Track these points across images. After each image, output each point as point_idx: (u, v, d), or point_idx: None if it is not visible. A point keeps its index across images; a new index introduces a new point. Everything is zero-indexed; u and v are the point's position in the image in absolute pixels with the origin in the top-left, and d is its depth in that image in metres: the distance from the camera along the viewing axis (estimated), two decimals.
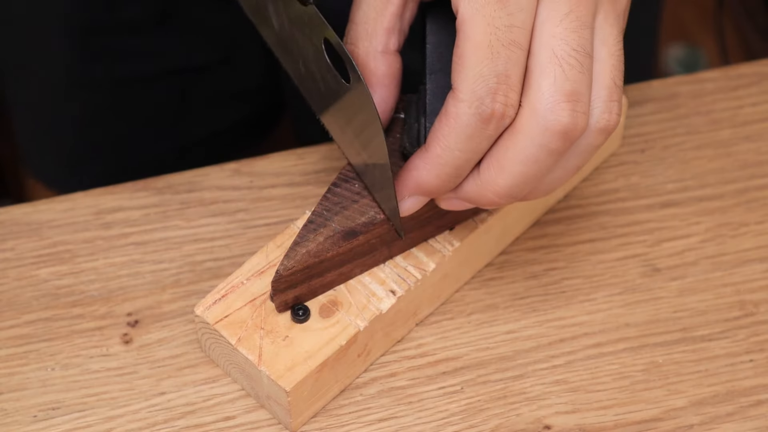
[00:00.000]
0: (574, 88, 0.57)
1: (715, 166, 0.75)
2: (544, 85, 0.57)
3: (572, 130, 0.57)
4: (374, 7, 0.62)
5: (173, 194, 0.73)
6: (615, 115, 0.59)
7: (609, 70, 0.59)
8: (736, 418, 0.65)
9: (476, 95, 0.57)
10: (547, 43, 0.57)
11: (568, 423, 0.65)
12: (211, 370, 0.66)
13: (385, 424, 0.65)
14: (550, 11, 0.57)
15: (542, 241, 0.72)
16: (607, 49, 0.59)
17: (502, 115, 0.57)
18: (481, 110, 0.57)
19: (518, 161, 0.58)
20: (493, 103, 0.57)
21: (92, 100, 0.99)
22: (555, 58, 0.57)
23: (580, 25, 0.58)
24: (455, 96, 0.57)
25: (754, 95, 0.78)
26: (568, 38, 0.57)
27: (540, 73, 0.57)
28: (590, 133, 0.59)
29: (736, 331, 0.68)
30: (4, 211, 0.72)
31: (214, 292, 0.64)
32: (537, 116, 0.57)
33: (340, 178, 0.65)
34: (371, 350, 0.65)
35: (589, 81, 0.58)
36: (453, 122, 0.58)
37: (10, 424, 0.64)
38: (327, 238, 0.63)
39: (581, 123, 0.57)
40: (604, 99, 0.59)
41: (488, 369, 0.67)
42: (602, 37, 0.59)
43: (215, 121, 1.04)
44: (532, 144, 0.58)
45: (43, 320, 0.68)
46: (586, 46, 0.58)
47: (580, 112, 0.57)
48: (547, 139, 0.57)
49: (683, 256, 0.71)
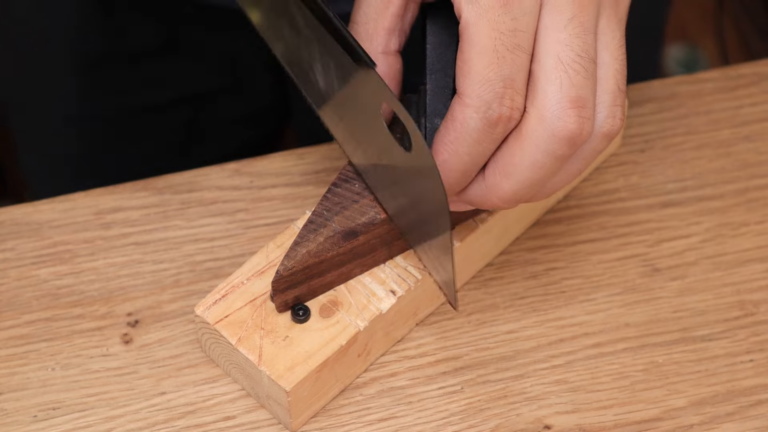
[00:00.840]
0: (580, 94, 0.57)
1: (715, 166, 0.75)
2: (550, 92, 0.57)
3: (578, 136, 0.57)
4: (375, 8, 0.62)
5: (173, 194, 0.73)
6: (618, 120, 0.59)
7: (612, 75, 0.59)
8: (736, 418, 0.65)
9: (483, 100, 0.56)
10: (552, 49, 0.57)
11: (568, 423, 0.65)
12: (211, 370, 0.66)
13: (385, 424, 0.65)
14: (553, 16, 0.57)
15: (542, 241, 0.72)
16: (610, 54, 0.59)
17: (509, 118, 0.57)
18: (489, 115, 0.57)
19: (524, 167, 0.58)
20: (500, 108, 0.56)
21: (98, 130, 0.98)
22: (560, 64, 0.57)
23: (583, 30, 0.57)
24: (462, 101, 0.57)
25: (754, 95, 0.78)
26: (573, 44, 0.57)
27: (546, 79, 0.57)
28: (594, 138, 0.59)
29: (736, 331, 0.68)
30: (4, 211, 0.72)
31: (214, 292, 0.64)
32: (544, 123, 0.57)
33: (340, 178, 0.65)
34: (371, 350, 0.65)
35: (593, 86, 0.58)
36: (460, 128, 0.57)
37: (10, 424, 0.64)
38: (327, 238, 0.63)
39: (587, 128, 0.57)
40: (608, 104, 0.59)
41: (488, 369, 0.66)
42: (605, 41, 0.59)
43: (224, 146, 1.04)
44: (538, 150, 0.57)
45: (43, 320, 0.68)
46: (590, 51, 0.58)
47: (586, 117, 0.57)
48: (554, 145, 0.57)
49: (683, 256, 0.71)
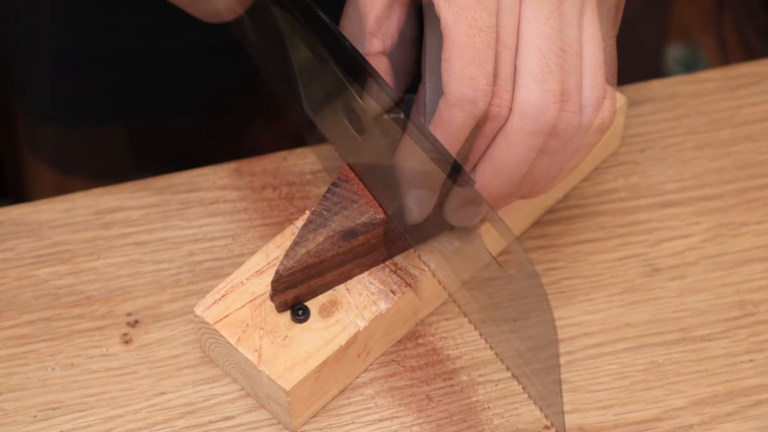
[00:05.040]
0: (562, 87, 0.57)
1: (715, 166, 0.75)
2: (532, 86, 0.57)
3: (562, 129, 0.57)
4: (359, 13, 0.62)
5: (173, 194, 0.73)
6: (608, 112, 0.59)
7: (599, 67, 0.59)
8: (736, 418, 0.65)
9: (467, 98, 0.56)
10: (533, 43, 0.57)
11: (569, 423, 0.65)
12: (211, 370, 0.66)
13: (385, 424, 0.65)
14: (534, 10, 0.57)
15: (542, 241, 0.72)
16: (595, 46, 0.59)
17: (496, 115, 0.57)
18: (475, 114, 0.56)
19: (511, 163, 0.58)
20: (485, 105, 0.56)
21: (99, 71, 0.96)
22: (542, 58, 0.57)
23: (566, 23, 0.57)
24: (446, 100, 0.57)
25: (754, 95, 0.78)
26: (554, 37, 0.57)
27: (527, 73, 0.57)
28: (585, 132, 0.59)
29: (736, 331, 0.68)
30: (4, 211, 0.72)
31: (214, 292, 0.64)
32: (526, 118, 0.57)
33: (340, 178, 0.65)
34: (371, 350, 0.65)
35: (577, 79, 0.58)
36: (447, 127, 0.57)
37: (10, 424, 0.64)
38: (327, 238, 0.63)
39: (571, 121, 0.57)
40: (596, 97, 0.59)
41: (488, 369, 0.66)
42: (590, 33, 0.59)
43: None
44: (522, 145, 0.57)
45: (43, 320, 0.68)
46: (573, 44, 0.57)
47: (570, 111, 0.57)
48: (537, 140, 0.57)
49: (683, 256, 0.71)
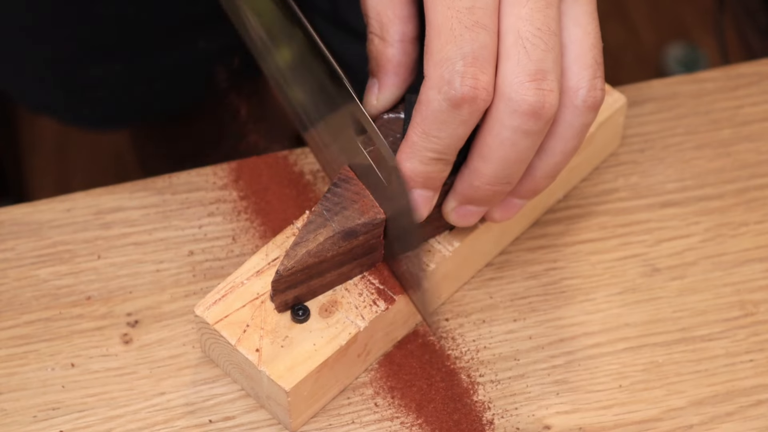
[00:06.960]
0: (539, 67, 0.57)
1: (715, 165, 0.75)
2: (508, 68, 0.57)
3: (540, 108, 0.57)
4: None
5: (173, 194, 0.73)
6: (599, 90, 0.60)
7: (589, 49, 0.59)
8: (736, 418, 0.65)
9: (444, 80, 0.57)
10: (513, 25, 0.57)
11: (568, 423, 0.65)
12: (211, 370, 0.66)
13: (385, 424, 0.65)
14: None
15: (542, 241, 0.72)
16: (582, 29, 0.59)
17: (474, 98, 0.57)
18: (450, 95, 0.57)
19: (496, 146, 0.58)
20: (462, 87, 0.56)
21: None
22: (519, 39, 0.57)
23: (545, 4, 0.58)
24: (424, 83, 0.57)
25: (754, 95, 0.78)
26: (533, 18, 0.57)
27: (506, 55, 0.57)
28: (579, 112, 0.59)
29: (736, 331, 0.68)
30: (4, 211, 0.72)
31: (214, 292, 0.64)
32: (504, 99, 0.57)
33: (340, 178, 0.64)
34: (371, 350, 0.65)
35: (555, 58, 0.58)
36: (425, 109, 0.58)
37: (10, 424, 0.64)
38: (327, 238, 0.63)
39: (549, 100, 0.57)
40: (588, 78, 0.59)
41: (488, 369, 0.66)
42: (575, 16, 0.59)
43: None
44: (504, 128, 0.58)
45: (43, 320, 0.68)
46: (551, 24, 0.58)
47: (547, 89, 0.57)
48: (517, 120, 0.57)
49: (683, 256, 0.71)
